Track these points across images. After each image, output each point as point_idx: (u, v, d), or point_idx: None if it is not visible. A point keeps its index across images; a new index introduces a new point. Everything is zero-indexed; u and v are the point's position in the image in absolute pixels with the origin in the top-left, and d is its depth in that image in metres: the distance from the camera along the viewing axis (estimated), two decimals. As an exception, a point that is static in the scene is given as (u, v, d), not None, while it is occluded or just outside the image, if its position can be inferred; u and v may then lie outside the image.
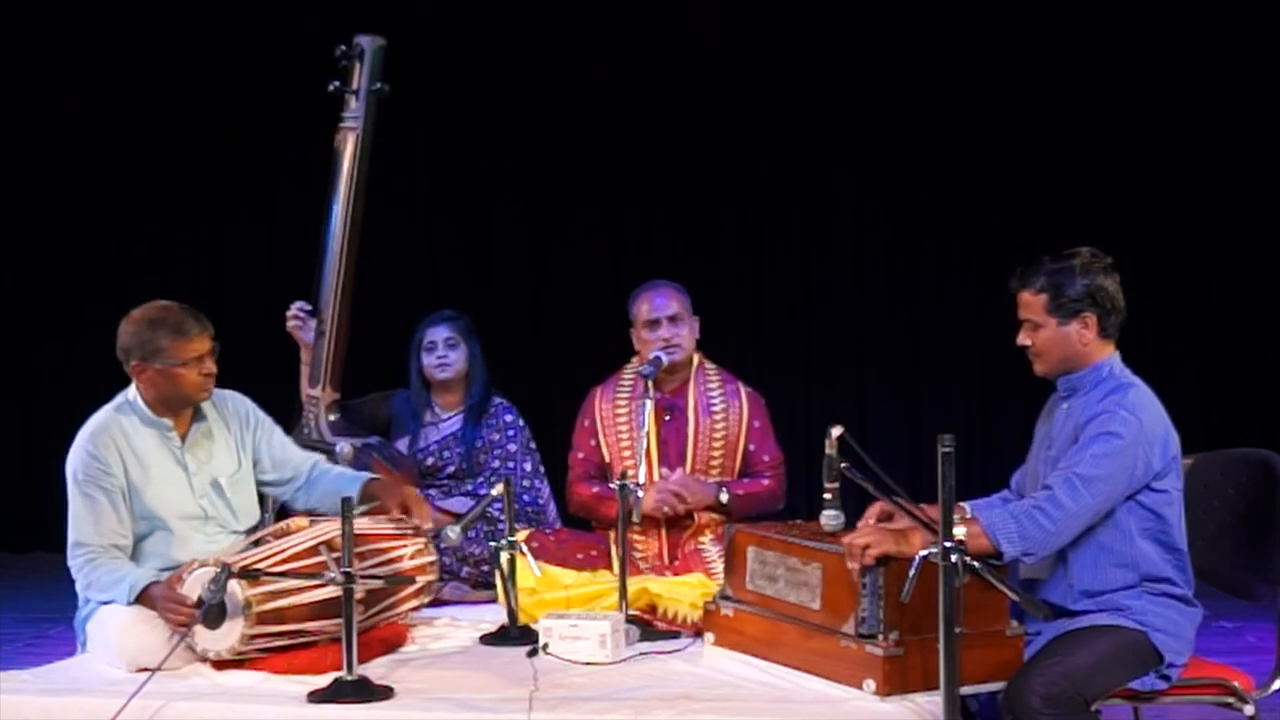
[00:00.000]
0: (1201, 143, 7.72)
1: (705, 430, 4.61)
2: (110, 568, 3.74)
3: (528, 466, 4.96)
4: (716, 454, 4.61)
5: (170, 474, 3.89)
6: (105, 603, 3.75)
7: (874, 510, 3.53)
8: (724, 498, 4.55)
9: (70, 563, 3.79)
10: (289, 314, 4.81)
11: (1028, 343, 3.57)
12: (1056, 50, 7.75)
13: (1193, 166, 7.73)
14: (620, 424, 4.65)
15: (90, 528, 3.77)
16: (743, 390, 4.69)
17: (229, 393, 4.05)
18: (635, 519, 4.13)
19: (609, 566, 4.37)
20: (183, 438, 3.93)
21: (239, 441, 4.04)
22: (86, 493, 3.78)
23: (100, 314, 8.12)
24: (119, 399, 3.92)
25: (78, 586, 3.80)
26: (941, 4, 7.89)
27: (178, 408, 3.91)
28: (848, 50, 7.87)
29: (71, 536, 3.79)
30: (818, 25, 7.88)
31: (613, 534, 4.48)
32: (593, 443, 4.70)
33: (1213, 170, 7.75)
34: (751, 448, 4.64)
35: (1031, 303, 3.54)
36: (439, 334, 5.00)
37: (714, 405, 4.64)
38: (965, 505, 3.71)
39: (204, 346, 3.84)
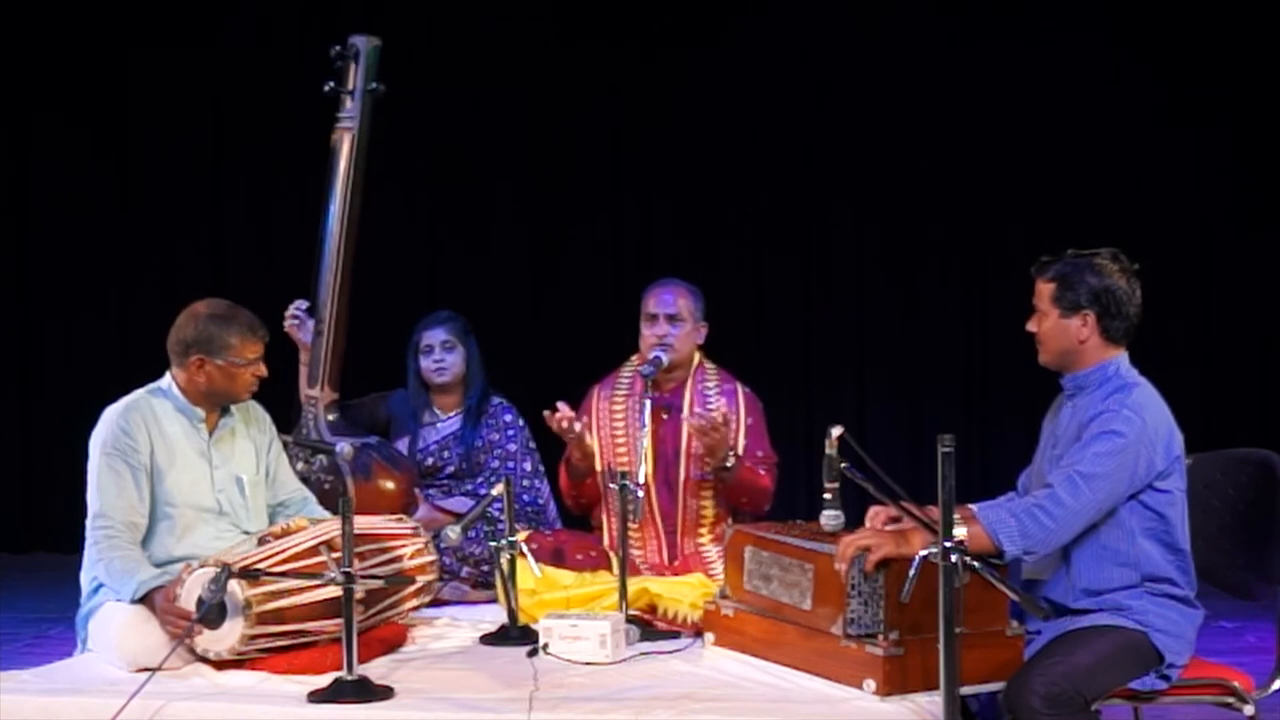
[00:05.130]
0: (1202, 141, 7.73)
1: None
2: (126, 555, 3.74)
3: (527, 466, 4.96)
4: (713, 452, 4.60)
5: (193, 464, 3.93)
6: (100, 587, 3.77)
7: (879, 516, 3.53)
8: (730, 461, 4.48)
9: (90, 533, 3.80)
10: (287, 314, 4.82)
11: (1034, 329, 3.59)
12: (1057, 51, 7.75)
13: (1193, 165, 7.73)
14: (616, 422, 4.65)
15: (114, 499, 3.79)
16: (740, 390, 4.68)
17: (251, 401, 4.10)
18: (633, 520, 4.13)
19: (609, 566, 4.38)
20: (210, 431, 3.97)
21: (259, 447, 4.10)
22: (112, 465, 3.81)
23: (100, 314, 8.26)
24: (152, 386, 3.97)
25: (88, 558, 3.81)
26: (942, 3, 7.89)
27: (218, 404, 3.99)
28: (848, 51, 7.86)
29: (93, 507, 3.81)
30: (819, 25, 7.88)
31: (608, 529, 4.49)
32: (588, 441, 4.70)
33: (1213, 169, 7.75)
34: (745, 444, 4.63)
35: (1042, 290, 3.56)
36: (435, 337, 4.99)
37: (710, 405, 4.63)
38: (972, 507, 3.71)
39: (262, 350, 3.96)
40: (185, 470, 3.91)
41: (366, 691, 3.35)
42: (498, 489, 4.13)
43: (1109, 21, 7.75)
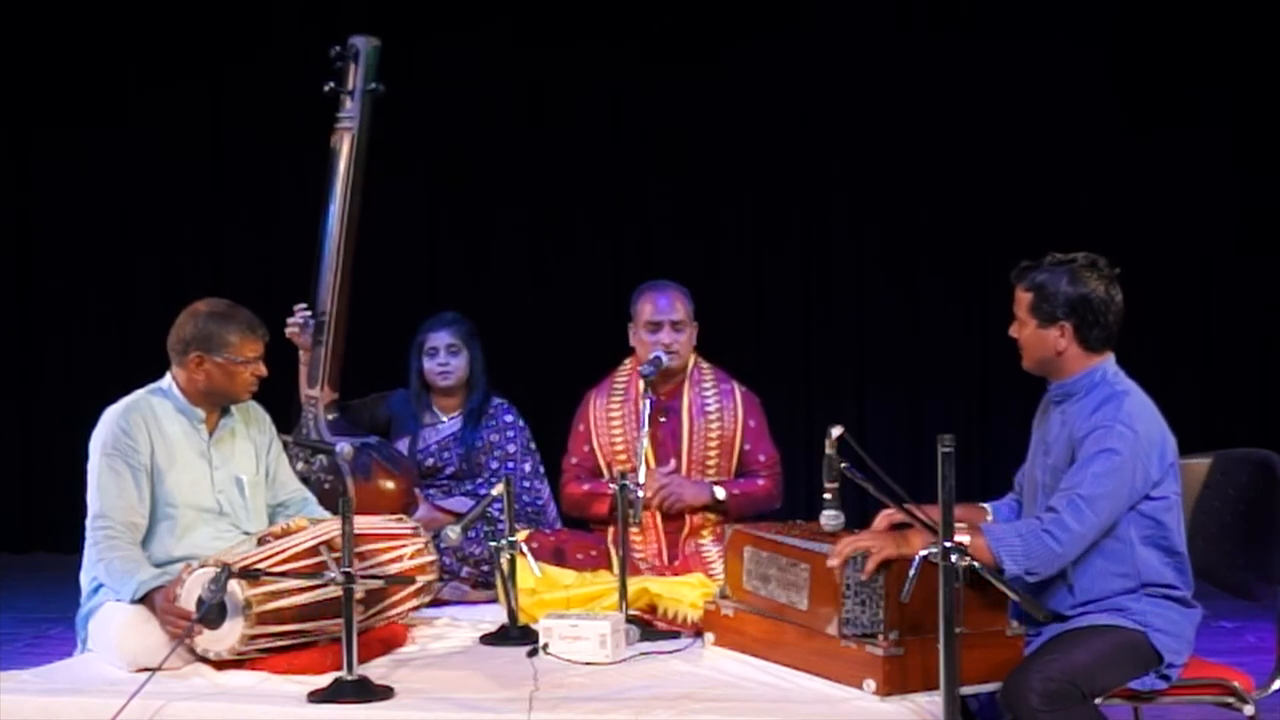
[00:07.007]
0: (1200, 142, 7.72)
1: (700, 431, 4.61)
2: (127, 555, 3.74)
3: (527, 467, 4.96)
4: (712, 455, 4.61)
5: (193, 464, 3.93)
6: (99, 587, 3.78)
7: (884, 521, 3.52)
8: (720, 494, 4.55)
9: (90, 534, 3.80)
10: (290, 321, 4.80)
11: (1016, 336, 3.58)
12: (1055, 52, 7.74)
13: (1191, 166, 7.73)
14: (614, 426, 4.66)
15: (114, 500, 3.79)
16: (738, 390, 4.69)
17: (251, 401, 4.09)
18: (634, 519, 4.13)
19: (609, 566, 4.38)
20: (210, 432, 3.97)
21: (258, 448, 4.10)
22: (112, 465, 3.81)
23: (100, 314, 8.26)
24: (152, 386, 3.97)
25: (88, 559, 3.81)
26: (940, 6, 7.89)
27: (218, 403, 3.98)
28: (846, 52, 7.86)
29: (94, 508, 3.82)
30: (816, 27, 7.87)
31: (611, 532, 4.49)
32: (587, 448, 4.71)
33: (1211, 170, 7.75)
34: (747, 447, 4.65)
35: (1021, 299, 3.55)
36: (441, 339, 4.98)
37: (708, 406, 4.64)
38: (987, 506, 3.71)
39: (261, 349, 3.95)
40: (185, 470, 3.91)
41: (366, 691, 3.35)
42: (498, 489, 4.12)
43: (1109, 23, 7.75)
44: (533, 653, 3.71)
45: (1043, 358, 3.54)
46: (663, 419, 4.60)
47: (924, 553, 3.08)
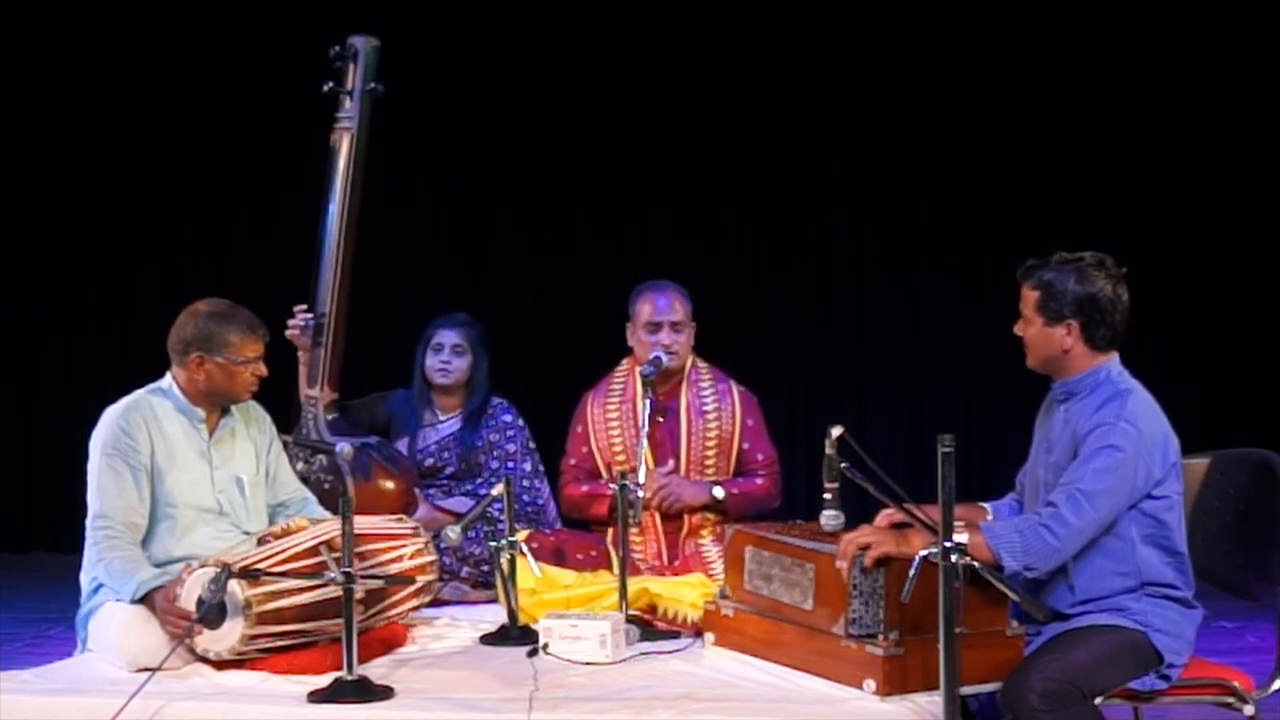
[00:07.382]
0: (1200, 142, 7.72)
1: (698, 431, 4.61)
2: (126, 555, 3.74)
3: (527, 467, 4.96)
4: (710, 454, 4.61)
5: (193, 464, 3.93)
6: (99, 587, 3.78)
7: (884, 520, 3.52)
8: (719, 493, 4.55)
9: (90, 534, 3.81)
10: (290, 323, 4.80)
11: (1021, 334, 3.58)
12: (1056, 51, 7.74)
13: (1191, 166, 7.73)
14: (612, 427, 4.66)
15: (114, 500, 3.79)
16: (735, 389, 4.69)
17: (251, 401, 4.09)
18: (634, 519, 4.13)
19: (609, 566, 4.38)
20: (210, 432, 3.97)
21: (258, 447, 4.10)
22: (112, 465, 3.81)
23: (100, 314, 8.26)
24: (152, 386, 3.98)
25: (88, 559, 3.81)
26: (940, 6, 7.89)
27: (218, 403, 3.99)
28: (846, 52, 7.86)
29: (94, 508, 3.82)
30: (814, 26, 7.87)
31: (610, 533, 4.49)
32: (585, 449, 4.71)
33: (1211, 170, 7.75)
34: (745, 446, 4.65)
35: (1027, 297, 3.55)
36: (448, 338, 4.99)
37: (706, 406, 4.64)
38: (987, 506, 3.71)
39: (262, 349, 3.96)
40: (185, 470, 3.91)
41: (366, 691, 3.35)
42: (498, 489, 4.12)
43: (1108, 23, 7.75)
44: (533, 653, 3.71)
45: (1048, 356, 3.54)
46: (661, 419, 4.61)
47: (924, 552, 3.08)
